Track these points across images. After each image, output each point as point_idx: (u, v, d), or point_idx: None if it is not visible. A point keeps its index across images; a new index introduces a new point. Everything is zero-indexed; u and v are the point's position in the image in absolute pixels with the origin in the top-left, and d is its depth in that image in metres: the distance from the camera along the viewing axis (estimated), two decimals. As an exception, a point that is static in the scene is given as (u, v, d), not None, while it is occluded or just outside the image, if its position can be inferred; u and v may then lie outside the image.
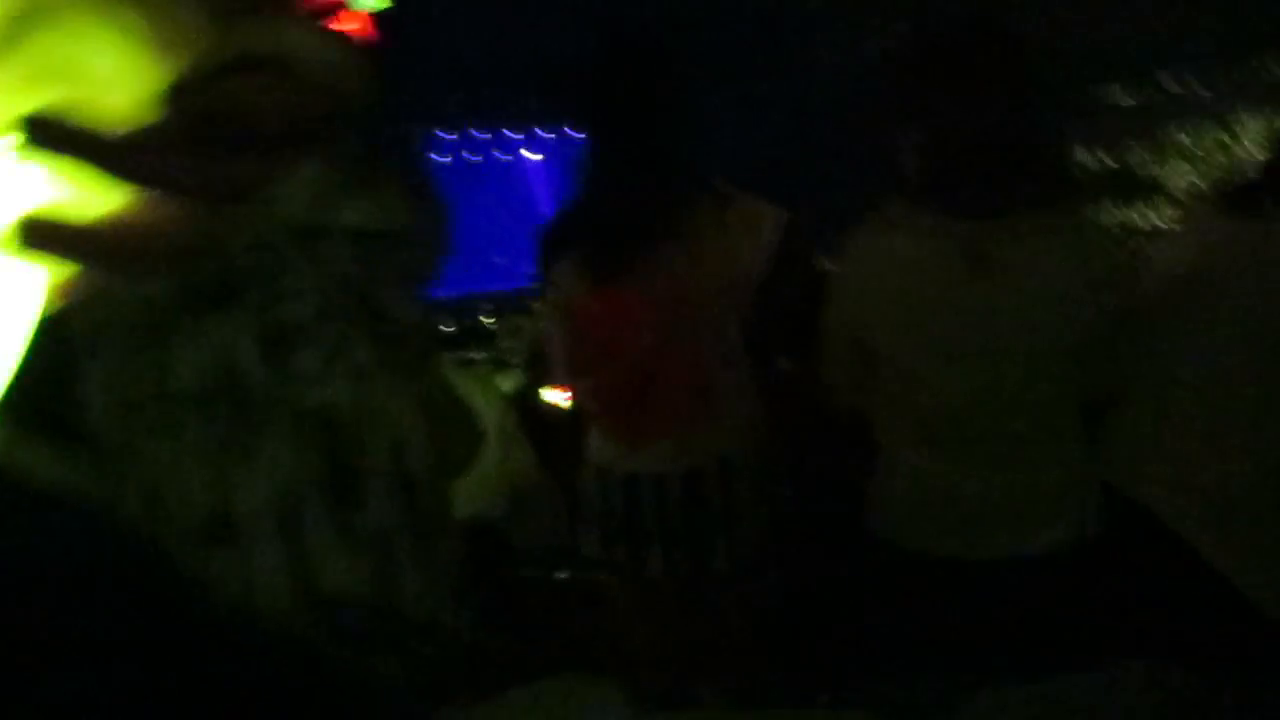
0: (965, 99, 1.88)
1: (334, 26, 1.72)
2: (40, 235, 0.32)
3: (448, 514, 1.44)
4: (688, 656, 2.07)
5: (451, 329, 5.46)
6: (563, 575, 2.40)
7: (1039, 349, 1.92)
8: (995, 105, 1.90)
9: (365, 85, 1.32)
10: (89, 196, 0.33)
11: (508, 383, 3.23)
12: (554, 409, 3.67)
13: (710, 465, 2.12)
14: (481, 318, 6.00)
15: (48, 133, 0.33)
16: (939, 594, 1.92)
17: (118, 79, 0.36)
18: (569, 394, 2.37)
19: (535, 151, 14.47)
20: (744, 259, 2.09)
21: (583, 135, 2.15)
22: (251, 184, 0.35)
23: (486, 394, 2.41)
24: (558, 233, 2.20)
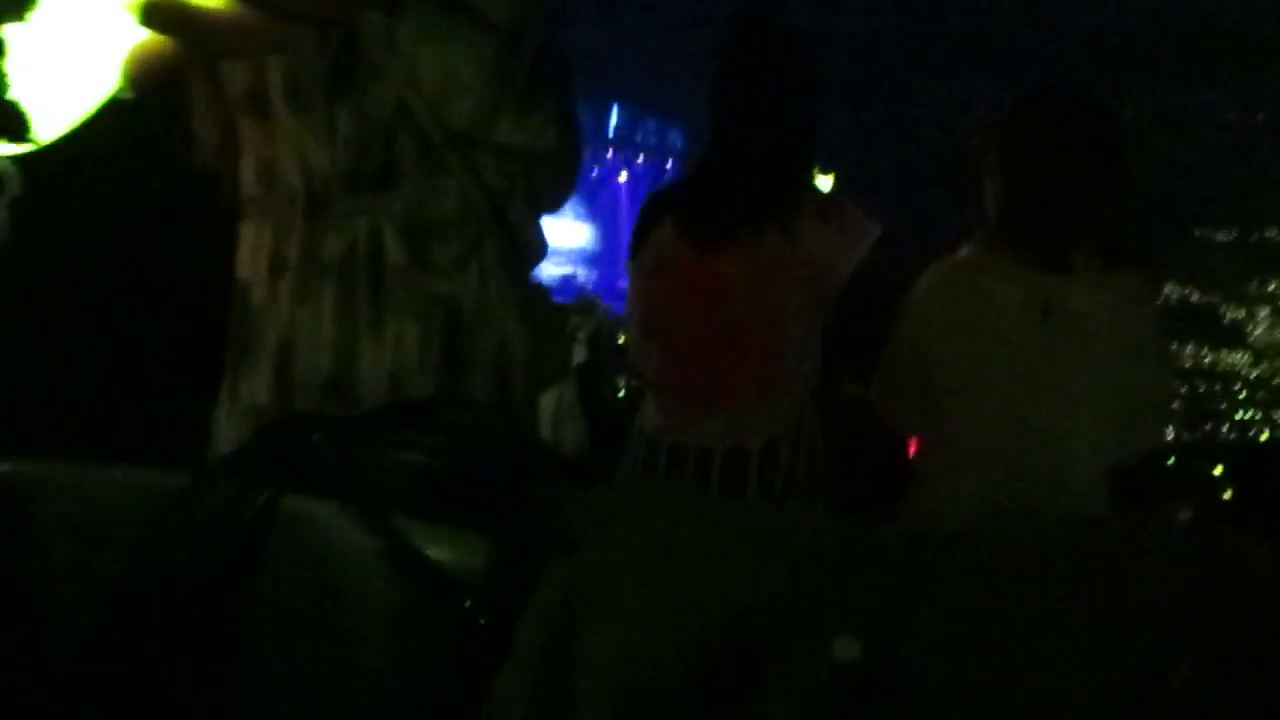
0: (1062, 165, 1.99)
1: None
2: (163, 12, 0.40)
3: (534, 416, 1.57)
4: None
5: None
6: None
7: (1086, 401, 1.99)
8: (1086, 175, 2.00)
9: None
10: None
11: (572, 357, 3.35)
12: (609, 393, 3.79)
13: (756, 449, 2.19)
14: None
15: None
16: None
17: None
18: (634, 360, 2.44)
19: (627, 173, 14.69)
20: (837, 261, 2.16)
21: (712, 109, 2.24)
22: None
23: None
24: (666, 196, 2.30)
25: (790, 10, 2.26)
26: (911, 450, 2.27)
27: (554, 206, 1.63)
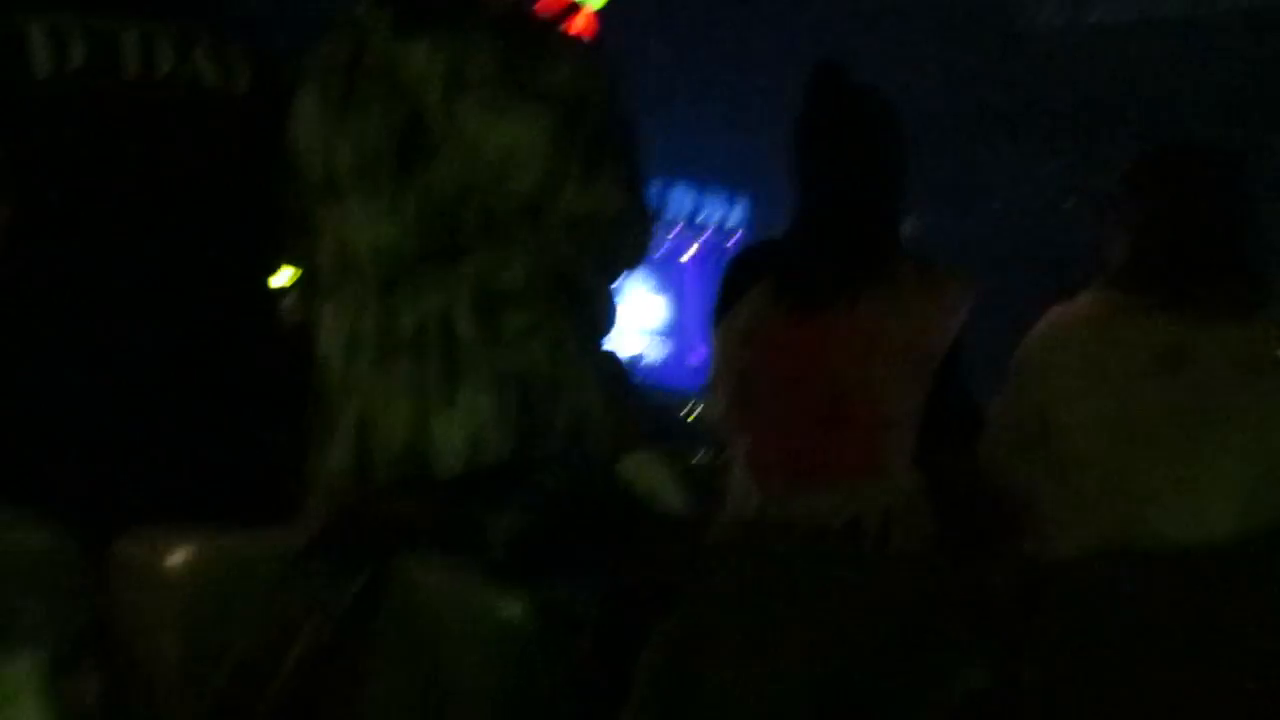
0: (1199, 208, 1.97)
1: (568, 29, 1.93)
2: None
3: (614, 483, 1.55)
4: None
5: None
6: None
7: (1223, 458, 1.89)
8: (1223, 220, 1.98)
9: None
10: None
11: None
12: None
13: (872, 517, 2.09)
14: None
15: None
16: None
17: None
18: (721, 431, 2.37)
19: (692, 250, 14.69)
20: (939, 329, 2.08)
21: (799, 174, 2.20)
22: None
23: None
24: (754, 260, 2.26)
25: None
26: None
27: (628, 268, 1.64)
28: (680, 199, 14.15)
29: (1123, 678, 0.47)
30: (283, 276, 1.68)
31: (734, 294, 2.16)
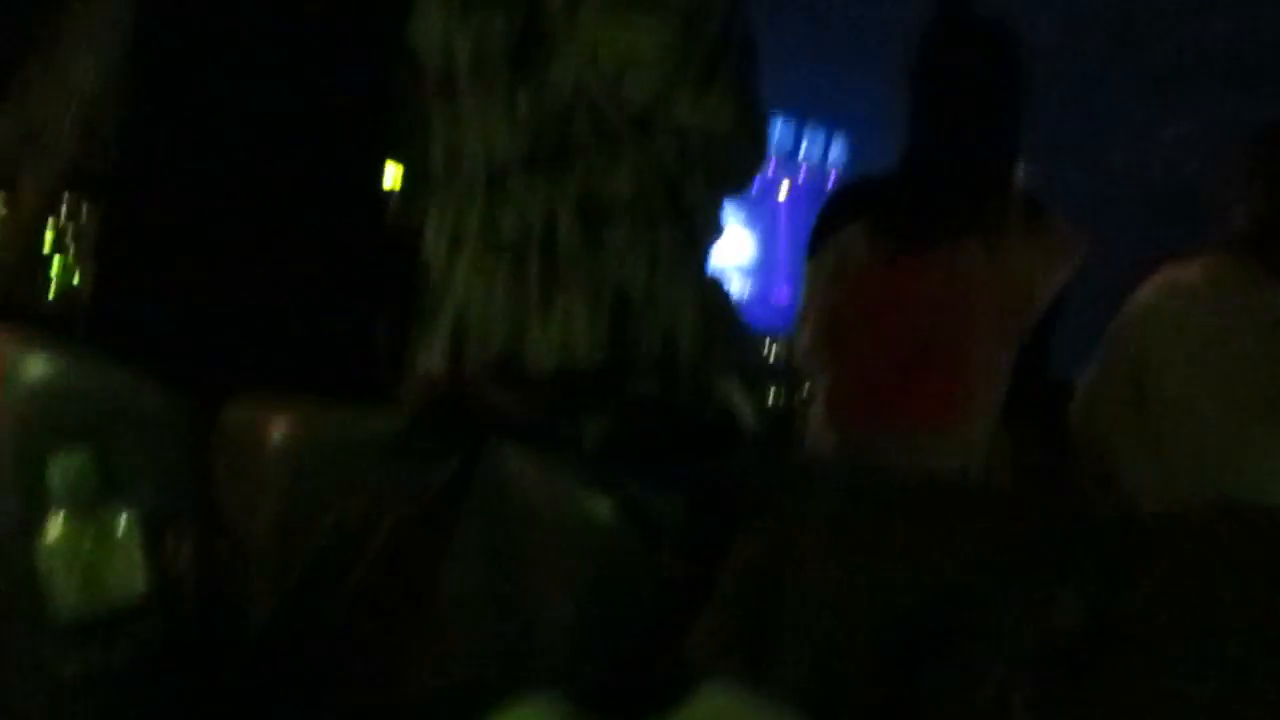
0: None
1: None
2: None
3: (706, 402, 1.56)
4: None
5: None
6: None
7: None
8: None
9: None
10: None
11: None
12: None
13: (947, 470, 1.97)
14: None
15: None
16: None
17: None
18: (804, 364, 2.33)
19: (788, 186, 14.47)
20: (1042, 281, 2.01)
21: (913, 105, 2.11)
22: None
23: None
24: (855, 194, 2.21)
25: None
26: None
27: (737, 187, 1.62)
28: (776, 135, 13.87)
29: (1237, 631, 0.46)
30: (393, 172, 1.70)
31: (829, 229, 2.11)
